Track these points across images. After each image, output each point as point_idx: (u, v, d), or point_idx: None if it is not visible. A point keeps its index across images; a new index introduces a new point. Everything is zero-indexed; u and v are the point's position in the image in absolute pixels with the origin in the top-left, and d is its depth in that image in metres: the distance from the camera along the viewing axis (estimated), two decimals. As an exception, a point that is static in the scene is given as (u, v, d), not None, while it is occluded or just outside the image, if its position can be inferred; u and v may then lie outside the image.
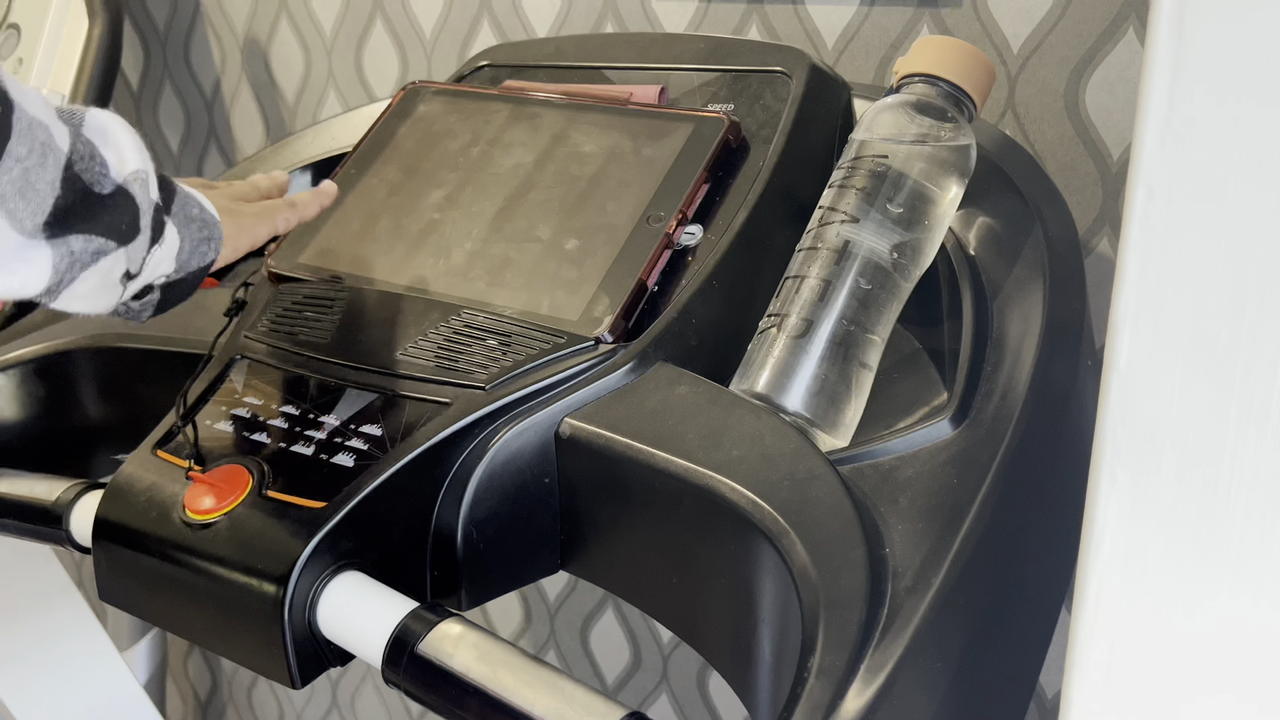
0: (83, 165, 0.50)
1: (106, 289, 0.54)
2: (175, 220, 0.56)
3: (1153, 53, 0.36)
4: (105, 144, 0.52)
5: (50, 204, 0.48)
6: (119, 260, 0.52)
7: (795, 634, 0.50)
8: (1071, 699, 0.41)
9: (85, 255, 0.51)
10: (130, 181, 0.53)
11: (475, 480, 0.61)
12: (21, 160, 0.47)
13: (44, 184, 0.48)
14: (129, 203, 0.52)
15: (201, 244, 0.58)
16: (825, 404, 0.61)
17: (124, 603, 0.64)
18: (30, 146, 0.47)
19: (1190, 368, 0.36)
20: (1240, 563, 0.37)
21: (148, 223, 0.54)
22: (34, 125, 0.47)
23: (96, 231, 0.51)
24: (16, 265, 0.49)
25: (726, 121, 0.71)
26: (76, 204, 0.50)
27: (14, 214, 0.47)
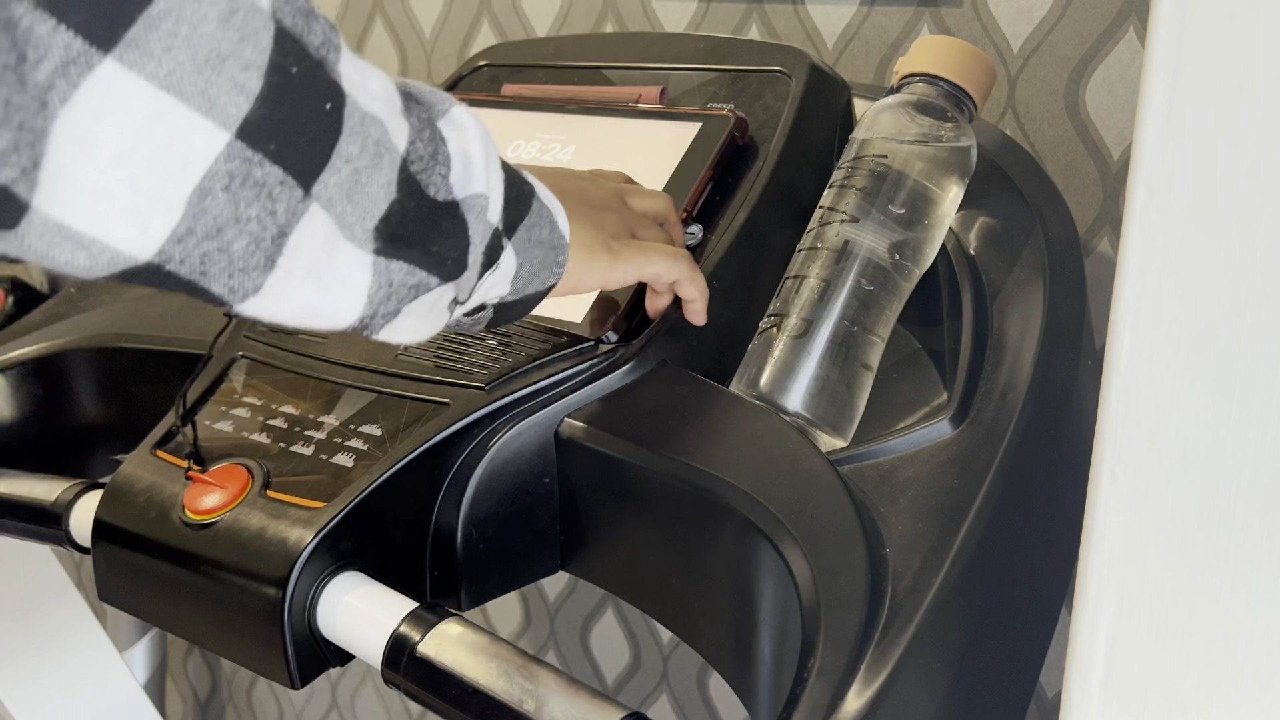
0: (420, 165, 0.45)
1: (432, 319, 0.49)
2: (516, 244, 0.51)
3: (1153, 53, 0.36)
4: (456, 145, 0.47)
5: (384, 207, 0.44)
6: (446, 291, 0.48)
7: (795, 634, 0.50)
8: (1071, 699, 0.41)
9: (403, 289, 0.45)
10: (467, 205, 0.47)
11: (475, 480, 0.61)
12: (352, 160, 0.42)
13: (376, 186, 0.43)
14: (459, 230, 0.47)
15: (542, 270, 0.53)
16: (825, 404, 0.61)
17: (123, 603, 0.64)
18: (363, 145, 0.42)
19: (1190, 368, 0.36)
20: (1240, 563, 0.37)
21: (478, 256, 0.48)
22: (367, 120, 0.42)
23: (420, 263, 0.45)
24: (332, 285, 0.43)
25: (733, 119, 0.71)
26: (410, 213, 0.45)
27: (343, 218, 0.42)
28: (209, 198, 0.38)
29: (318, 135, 0.40)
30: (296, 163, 0.40)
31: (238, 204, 0.38)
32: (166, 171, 0.36)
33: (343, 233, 0.42)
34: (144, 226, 0.37)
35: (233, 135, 0.37)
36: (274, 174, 0.39)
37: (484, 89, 0.86)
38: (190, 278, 0.39)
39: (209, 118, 0.37)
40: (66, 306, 0.90)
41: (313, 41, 0.40)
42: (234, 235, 0.39)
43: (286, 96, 0.39)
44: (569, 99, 0.80)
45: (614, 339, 0.64)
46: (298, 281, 0.42)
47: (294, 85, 0.39)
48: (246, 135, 0.38)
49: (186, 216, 0.37)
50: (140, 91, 0.35)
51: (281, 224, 0.40)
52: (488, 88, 0.86)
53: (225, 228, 0.38)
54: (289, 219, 0.40)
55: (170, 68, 0.36)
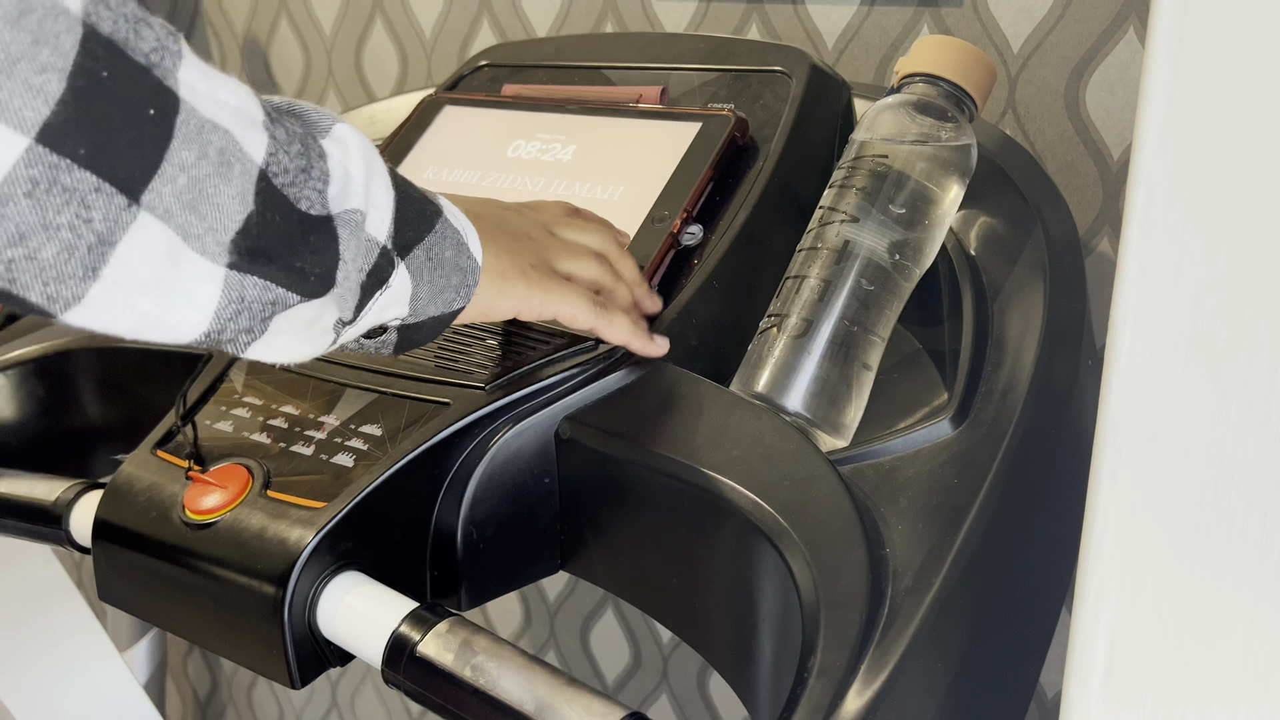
0: (287, 178, 0.43)
1: (313, 338, 0.48)
2: (411, 264, 0.49)
3: (1153, 53, 0.36)
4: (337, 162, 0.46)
5: (239, 220, 0.42)
6: (323, 308, 0.46)
7: (795, 634, 0.50)
8: (1071, 699, 0.41)
9: (257, 305, 0.44)
10: (341, 220, 0.46)
11: (475, 480, 0.61)
12: (187, 169, 0.40)
13: (226, 197, 0.41)
14: (328, 245, 0.45)
15: (447, 291, 0.52)
16: (826, 404, 0.61)
17: (124, 603, 0.64)
18: (201, 152, 0.40)
19: (1190, 368, 0.36)
20: (1240, 563, 0.37)
21: (354, 274, 0.47)
22: (206, 128, 0.41)
23: (277, 279, 0.44)
24: (174, 297, 0.42)
25: (733, 119, 0.71)
26: (274, 225, 0.43)
27: (186, 229, 0.41)
28: (9, 204, 0.36)
29: (138, 140, 0.39)
30: (114, 169, 0.38)
31: (44, 210, 0.37)
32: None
33: (189, 244, 0.41)
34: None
35: (31, 139, 0.36)
36: (86, 180, 0.38)
37: (484, 89, 0.86)
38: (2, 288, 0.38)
39: (3, 121, 0.36)
40: (67, 306, 0.90)
41: (140, 47, 0.39)
42: (41, 242, 0.37)
43: (96, 100, 0.37)
44: (569, 99, 0.80)
45: (614, 339, 0.64)
46: (131, 293, 0.40)
47: (105, 89, 0.38)
48: (48, 139, 0.37)
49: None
50: None
51: (100, 232, 0.39)
52: (488, 88, 0.86)
53: (29, 234, 0.37)
54: (110, 227, 0.39)
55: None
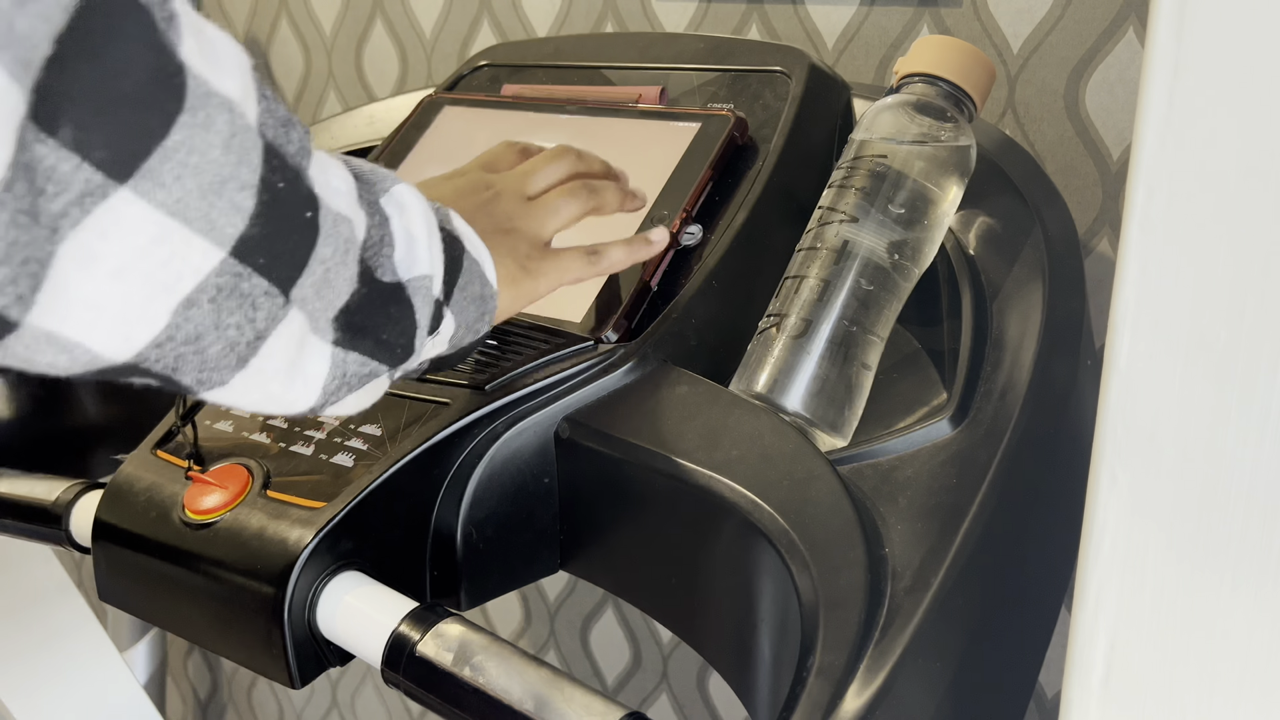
0: (372, 252, 0.46)
1: (372, 395, 0.50)
2: (454, 308, 0.51)
3: (1153, 53, 0.36)
4: (398, 225, 0.47)
5: (345, 298, 0.44)
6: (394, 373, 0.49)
7: (794, 634, 0.50)
8: (1071, 699, 0.41)
9: (355, 379, 0.46)
10: (414, 287, 0.47)
11: (475, 480, 0.61)
12: (325, 261, 0.42)
13: (343, 280, 0.44)
14: (407, 314, 0.47)
15: (477, 322, 0.54)
16: (825, 404, 0.61)
17: (124, 603, 0.64)
18: (335, 246, 0.43)
19: (1190, 368, 0.36)
20: (1240, 563, 0.37)
21: (422, 337, 0.49)
22: (339, 221, 0.43)
23: (371, 353, 0.46)
24: (294, 379, 0.44)
25: (732, 119, 0.71)
26: (364, 301, 0.45)
27: (313, 314, 0.43)
28: (194, 308, 0.38)
29: (299, 243, 0.41)
30: (281, 272, 0.41)
31: (220, 313, 0.39)
32: (160, 285, 0.37)
33: (310, 326, 0.43)
34: (127, 336, 0.38)
35: (227, 253, 0.38)
36: (260, 285, 0.40)
37: (484, 89, 0.86)
38: (161, 373, 0.40)
39: (208, 239, 0.38)
40: (66, 306, 0.90)
41: (290, 151, 0.41)
42: (211, 341, 0.40)
43: (274, 211, 0.40)
44: (569, 99, 0.80)
45: (614, 339, 0.64)
46: (266, 378, 0.43)
47: (280, 199, 0.40)
48: (240, 252, 0.39)
49: (170, 326, 0.38)
50: (147, 217, 0.36)
51: (260, 329, 0.41)
52: (488, 88, 0.86)
53: (204, 334, 0.39)
54: (268, 324, 0.41)
55: (179, 195, 0.36)
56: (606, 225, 0.69)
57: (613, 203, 0.64)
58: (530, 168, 0.63)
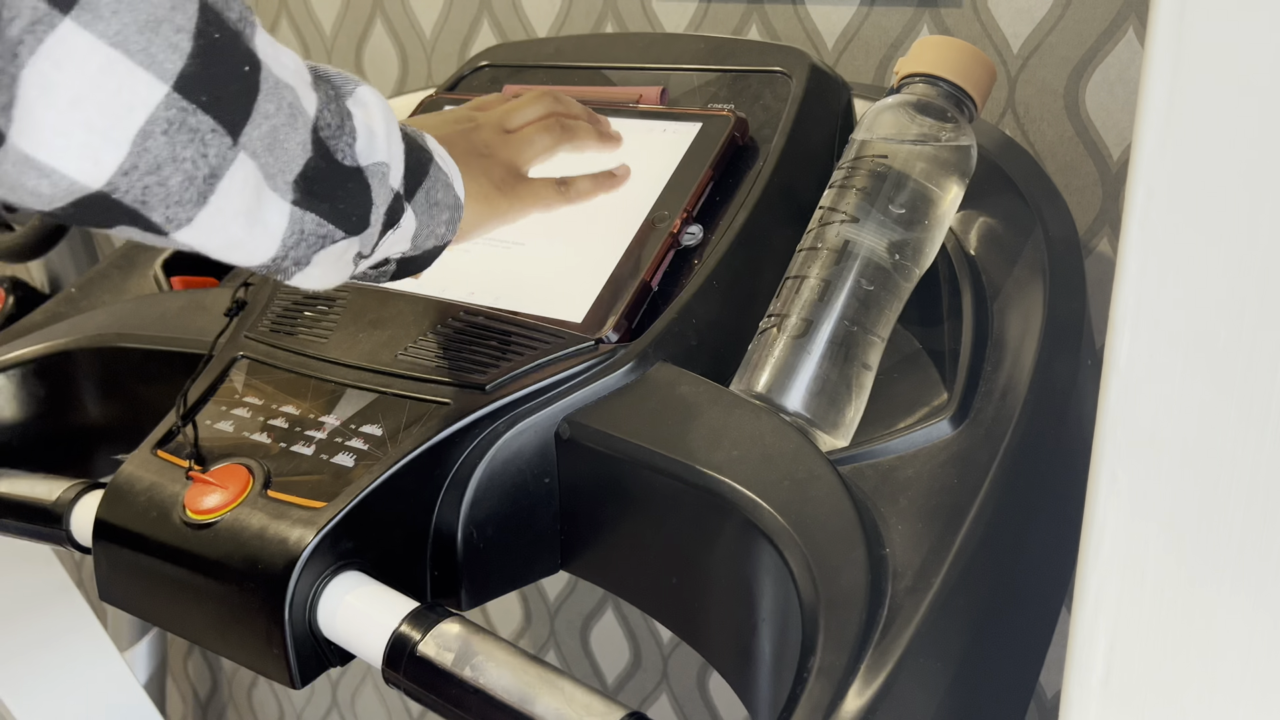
0: (328, 132, 0.51)
1: (339, 269, 0.55)
2: (416, 206, 0.56)
3: (1153, 53, 0.36)
4: (360, 120, 0.53)
5: (300, 164, 0.49)
6: (350, 245, 0.53)
7: (795, 634, 0.50)
8: (1071, 699, 0.41)
9: (313, 238, 0.51)
10: (371, 171, 0.53)
11: (475, 480, 0.61)
12: (270, 117, 0.47)
13: (293, 143, 0.49)
14: (363, 193, 0.53)
15: (440, 226, 0.58)
16: (825, 404, 0.61)
17: (124, 603, 0.64)
18: (278, 104, 0.48)
19: (1190, 368, 0.36)
20: (1240, 563, 0.37)
21: (379, 216, 0.54)
22: (280, 86, 0.48)
23: (328, 216, 0.51)
24: (255, 225, 0.49)
25: (733, 119, 0.71)
26: (323, 170, 0.51)
27: (266, 168, 0.48)
28: (150, 139, 0.44)
29: (240, 92, 0.46)
30: (224, 115, 0.46)
31: (175, 146, 0.44)
32: (115, 115, 0.43)
33: (267, 181, 0.48)
34: (96, 160, 0.43)
35: (170, 87, 0.44)
36: (206, 122, 0.45)
37: (484, 89, 0.86)
38: (133, 206, 0.45)
39: (150, 71, 0.43)
40: (67, 306, 0.90)
41: (230, 16, 0.46)
42: (171, 172, 0.45)
43: (212, 57, 0.45)
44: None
45: (614, 339, 0.64)
46: (228, 219, 0.48)
47: (218, 48, 0.45)
48: (181, 87, 0.44)
49: (131, 154, 0.43)
50: (93, 48, 0.41)
51: (214, 165, 0.46)
52: (488, 88, 0.86)
53: (163, 165, 0.44)
54: (220, 163, 0.46)
55: (117, 28, 0.42)
56: (598, 219, 0.69)
57: (587, 139, 0.70)
58: (511, 106, 0.69)
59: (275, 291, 0.75)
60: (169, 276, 0.91)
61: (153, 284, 0.91)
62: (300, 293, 0.74)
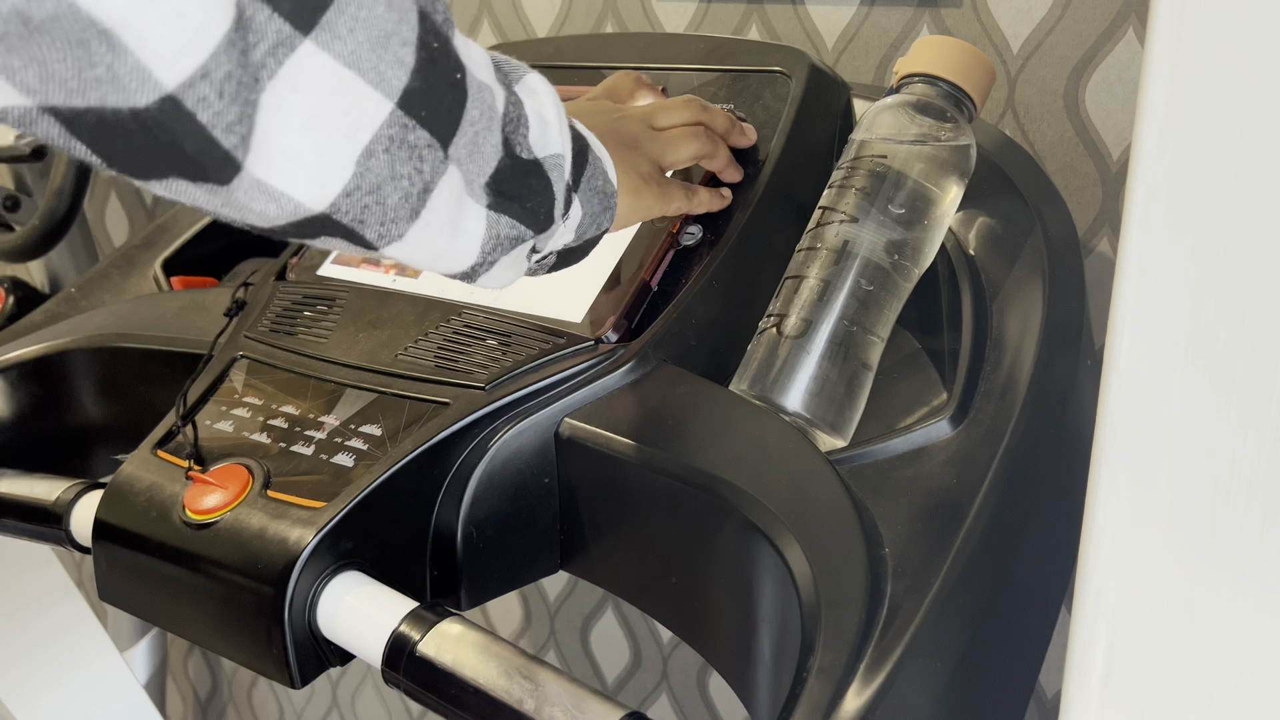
0: (511, 128, 0.50)
1: (516, 268, 0.54)
2: (581, 196, 0.55)
3: (1153, 53, 0.36)
4: (531, 108, 0.51)
5: (494, 164, 0.49)
6: (530, 244, 0.53)
7: (795, 634, 0.50)
8: (1071, 699, 0.41)
9: (506, 241, 0.51)
10: (549, 164, 0.52)
11: (475, 480, 0.61)
12: (475, 124, 0.47)
13: (490, 147, 0.48)
14: (545, 188, 0.52)
15: (600, 215, 0.58)
16: (825, 404, 0.61)
17: (124, 603, 0.64)
18: (481, 110, 0.47)
19: (1190, 368, 0.36)
20: (1240, 563, 0.37)
21: (560, 210, 0.53)
22: (482, 88, 0.47)
23: (519, 217, 0.51)
24: (457, 235, 0.49)
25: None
26: (509, 171, 0.50)
27: (468, 175, 0.48)
28: (373, 158, 0.43)
29: (453, 102, 0.45)
30: (439, 127, 0.45)
31: (394, 163, 0.44)
32: (343, 136, 0.42)
33: (467, 189, 0.48)
34: (322, 183, 0.42)
35: (395, 104, 0.43)
36: (423, 138, 0.44)
37: (484, 89, 0.86)
38: (350, 225, 0.45)
39: (379, 89, 0.42)
40: (66, 306, 0.90)
41: (438, 19, 0.44)
42: (390, 191, 0.44)
43: (431, 69, 0.44)
44: (569, 99, 0.80)
45: (614, 339, 0.64)
46: (434, 231, 0.47)
47: (435, 59, 0.44)
48: (405, 104, 0.43)
49: (355, 175, 0.43)
50: (329, 68, 0.40)
51: (427, 180, 0.45)
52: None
53: (383, 184, 0.44)
54: (433, 176, 0.46)
55: (353, 47, 0.41)
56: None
57: (722, 160, 0.69)
58: (660, 105, 0.68)
59: (275, 291, 0.75)
60: (169, 276, 0.91)
61: (153, 284, 0.91)
62: (300, 293, 0.74)
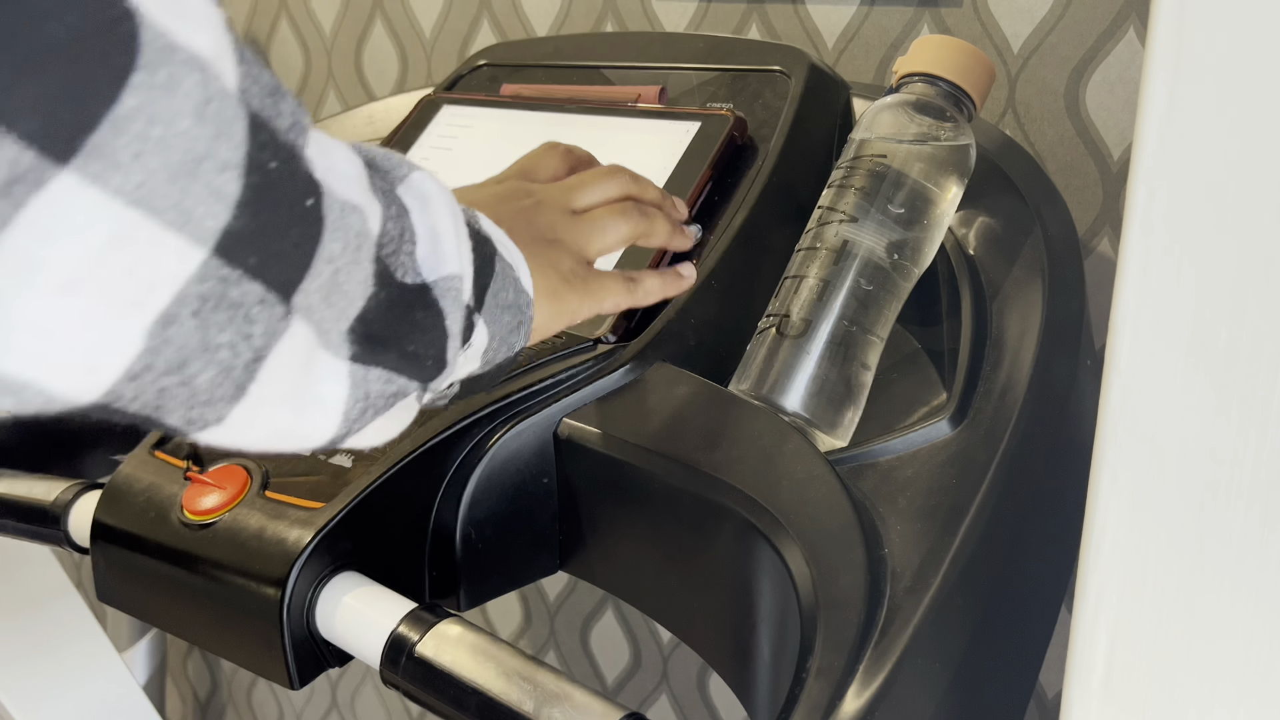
0: (390, 249, 0.39)
1: (401, 419, 0.43)
2: (486, 316, 0.45)
3: (1153, 53, 0.35)
4: (419, 219, 0.40)
5: (360, 306, 0.37)
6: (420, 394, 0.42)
7: (794, 634, 0.50)
8: (1071, 699, 0.41)
9: (380, 400, 0.39)
10: (441, 289, 0.41)
11: (474, 480, 0.61)
12: (334, 260, 0.35)
13: (355, 284, 0.37)
14: (435, 321, 0.41)
15: (511, 334, 0.48)
16: (824, 404, 0.61)
17: (123, 603, 0.64)
18: (345, 241, 0.35)
19: (1190, 368, 0.36)
20: (1240, 563, 0.37)
21: (455, 345, 0.42)
22: (346, 210, 0.36)
23: (397, 367, 0.39)
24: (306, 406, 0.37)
25: (732, 118, 0.71)
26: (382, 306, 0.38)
27: (321, 325, 0.36)
28: (173, 326, 0.31)
29: (301, 238, 0.34)
30: (279, 274, 0.33)
31: (207, 331, 0.32)
32: (127, 301, 0.30)
33: (319, 340, 0.36)
34: (92, 367, 0.30)
35: (209, 253, 0.31)
36: (253, 292, 0.32)
37: (484, 89, 0.86)
38: (142, 414, 0.33)
39: (182, 234, 0.30)
40: (66, 306, 0.90)
41: (282, 125, 0.33)
42: (200, 368, 0.32)
43: (266, 197, 0.32)
44: (569, 99, 0.80)
45: (613, 339, 0.64)
46: (271, 407, 0.36)
47: (273, 182, 0.32)
48: (224, 250, 0.31)
49: (146, 351, 0.31)
50: (101, 210, 0.28)
51: (258, 348, 0.34)
52: (487, 87, 0.86)
53: (190, 360, 0.32)
54: (266, 341, 0.34)
55: (140, 179, 0.29)
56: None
57: (662, 234, 0.61)
58: (579, 181, 0.59)
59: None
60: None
61: (152, 284, 0.91)
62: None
